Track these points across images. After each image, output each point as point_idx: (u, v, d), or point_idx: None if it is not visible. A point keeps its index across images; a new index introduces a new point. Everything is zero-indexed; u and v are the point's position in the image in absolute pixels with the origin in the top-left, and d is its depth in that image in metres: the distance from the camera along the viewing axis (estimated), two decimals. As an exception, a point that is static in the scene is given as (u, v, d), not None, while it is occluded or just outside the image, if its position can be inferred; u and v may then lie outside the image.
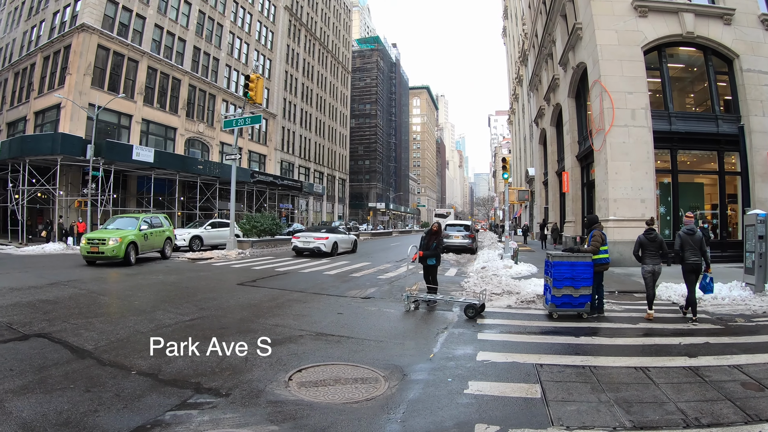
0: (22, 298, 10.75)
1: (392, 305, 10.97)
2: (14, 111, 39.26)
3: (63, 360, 6.33)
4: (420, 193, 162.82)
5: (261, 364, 6.25)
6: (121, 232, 19.20)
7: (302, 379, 5.70)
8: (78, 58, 33.90)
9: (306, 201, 67.47)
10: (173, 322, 8.74)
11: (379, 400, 5.15)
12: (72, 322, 8.49)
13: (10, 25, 43.91)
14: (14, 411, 4.66)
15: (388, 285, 14.30)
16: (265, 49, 57.28)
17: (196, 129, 44.61)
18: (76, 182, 33.20)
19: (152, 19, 40.09)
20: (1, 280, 13.91)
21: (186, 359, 6.39)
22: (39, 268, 17.37)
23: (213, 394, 5.24)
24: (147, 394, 5.19)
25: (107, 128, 35.39)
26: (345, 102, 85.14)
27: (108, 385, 5.44)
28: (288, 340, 7.60)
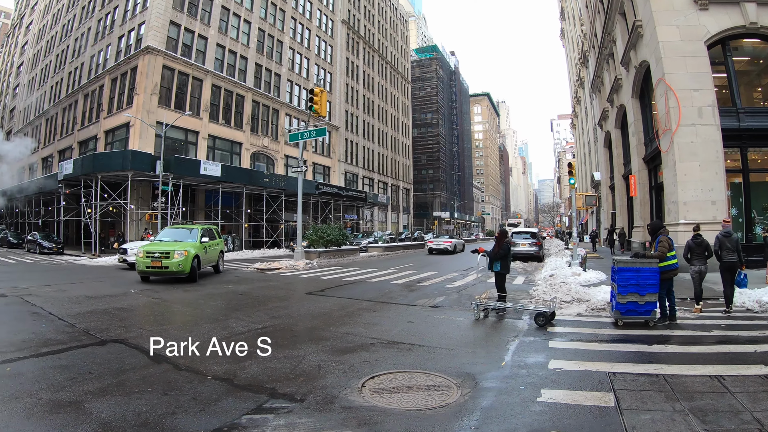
0: (98, 306, 11.34)
1: (461, 314, 10.84)
2: (85, 130, 41.20)
3: (140, 364, 6.62)
4: (484, 201, 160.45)
5: (334, 370, 6.34)
6: (184, 244, 17.24)
7: (375, 386, 5.73)
8: (144, 79, 35.12)
9: (371, 211, 67.38)
10: (245, 329, 8.96)
11: (453, 407, 5.13)
12: (147, 328, 8.99)
13: (78, 50, 46.38)
14: (94, 412, 4.86)
15: (457, 294, 14.20)
16: (325, 63, 57.79)
17: (261, 143, 45.29)
18: (146, 196, 34.43)
19: (214, 39, 41.15)
20: (77, 288, 14.71)
21: (260, 365, 6.57)
22: (112, 278, 18.24)
23: (288, 399, 5.32)
24: (223, 398, 5.33)
25: (175, 144, 36.32)
26: (406, 112, 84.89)
27: (185, 388, 5.62)
28: (360, 347, 7.65)
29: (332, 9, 60.64)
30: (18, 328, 9.10)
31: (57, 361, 6.81)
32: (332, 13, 60.41)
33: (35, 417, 4.78)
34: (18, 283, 16.18)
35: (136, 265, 16.90)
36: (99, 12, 44.25)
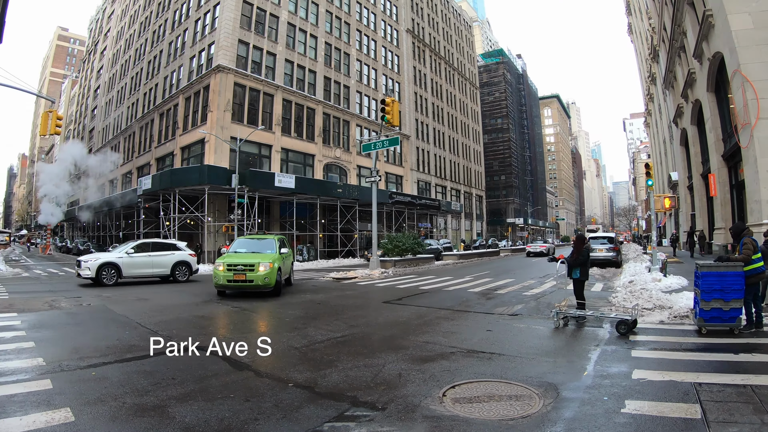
0: (180, 314, 11.89)
1: (541, 322, 10.64)
2: (162, 147, 42.79)
3: (222, 371, 6.75)
4: (558, 206, 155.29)
5: (414, 379, 6.28)
6: (266, 256, 15.81)
7: (456, 395, 5.65)
8: (217, 97, 35.97)
9: (444, 219, 66.28)
10: (325, 338, 9.05)
11: (535, 417, 5.01)
12: (228, 336, 9.13)
13: (152, 72, 48.62)
14: (177, 416, 4.99)
15: (535, 301, 13.99)
16: (393, 73, 57.59)
17: (333, 154, 45.46)
18: (222, 209, 35.22)
19: (282, 55, 41.82)
20: (159, 298, 15.47)
21: (341, 374, 6.59)
22: (193, 288, 18.76)
23: (369, 407, 5.30)
24: (305, 405, 5.36)
25: (249, 158, 36.86)
26: (476, 118, 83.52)
27: (266, 395, 5.70)
28: (439, 356, 7.57)
29: (396, 19, 60.48)
30: (103, 334, 9.45)
31: (141, 366, 7.05)
32: (396, 23, 60.26)
33: (120, 420, 4.93)
34: (101, 292, 16.83)
35: (214, 278, 15.21)
36: (170, 35, 46.24)
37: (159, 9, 51.20)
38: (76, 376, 6.58)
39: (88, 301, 14.50)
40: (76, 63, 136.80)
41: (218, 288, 15.46)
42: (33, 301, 14.45)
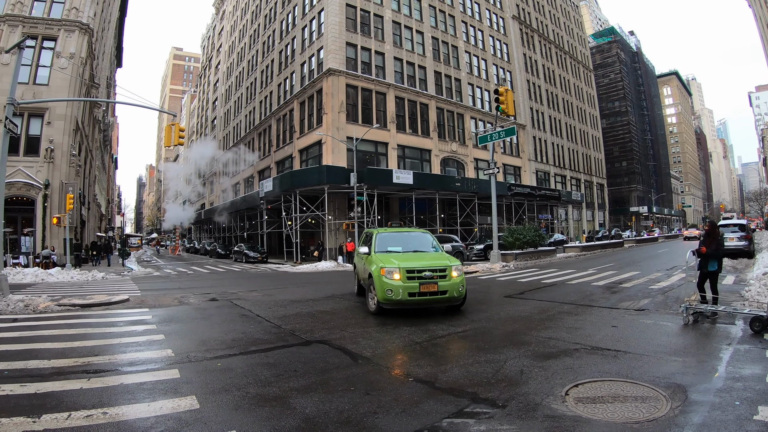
0: (302, 309, 12.16)
1: (668, 318, 9.94)
2: (281, 151, 44.49)
3: (343, 364, 6.85)
4: (683, 192, 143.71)
5: (536, 377, 6.10)
6: (439, 256, 11.72)
7: (579, 395, 5.44)
8: (330, 99, 36.48)
9: (564, 210, 63.20)
10: (446, 333, 8.95)
11: (662, 421, 4.69)
12: (350, 330, 9.26)
13: (265, 81, 50.99)
14: (298, 407, 5.15)
15: (662, 295, 13.17)
16: (503, 62, 55.69)
17: (449, 148, 44.64)
18: (342, 207, 35.74)
19: (390, 54, 41.69)
20: (282, 293, 15.97)
21: (461, 369, 6.52)
22: (315, 284, 19.36)
23: (489, 404, 5.19)
24: (424, 400, 5.32)
25: (366, 157, 37.01)
26: (592, 102, 78.95)
27: (386, 389, 5.73)
28: (562, 353, 7.29)
29: (500, 6, 58.35)
30: (228, 328, 9.92)
31: (264, 358, 7.32)
32: (501, 11, 58.16)
33: (243, 409, 5.16)
34: (227, 288, 18.03)
35: (381, 292, 10.49)
36: (279, 44, 47.97)
37: (266, 21, 53.38)
38: (203, 366, 6.99)
39: (213, 296, 15.46)
40: (193, 79, 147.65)
41: (388, 305, 10.58)
42: (163, 298, 15.44)
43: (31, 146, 30.06)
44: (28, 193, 29.43)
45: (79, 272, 25.71)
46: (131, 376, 6.57)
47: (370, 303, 11.31)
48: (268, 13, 53.25)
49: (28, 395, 5.79)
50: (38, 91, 29.38)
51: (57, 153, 30.18)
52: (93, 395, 5.74)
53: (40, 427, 4.80)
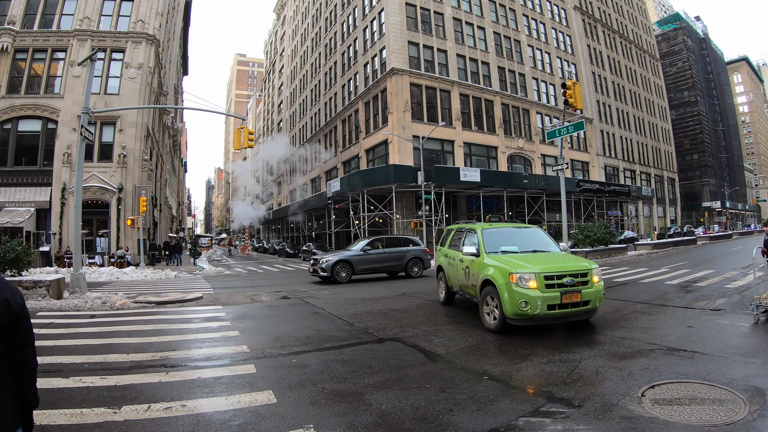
0: (373, 307, 12.18)
1: (745, 319, 9.53)
2: (347, 151, 44.90)
3: (417, 362, 6.87)
4: (758, 186, 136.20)
5: (612, 377, 5.97)
6: (566, 258, 9.56)
7: (655, 396, 5.28)
8: (395, 98, 36.51)
9: (634, 206, 60.91)
10: (518, 331, 8.66)
11: (740, 425, 4.46)
12: (422, 328, 9.25)
13: (329, 83, 51.70)
14: (374, 403, 5.19)
15: (738, 295, 12.67)
16: (567, 54, 54.20)
17: (516, 145, 43.88)
18: (410, 206, 35.85)
19: (453, 51, 41.39)
20: (352, 291, 16.04)
21: (536, 368, 6.46)
22: (383, 282, 19.35)
23: (565, 404, 5.11)
24: (499, 398, 5.29)
25: (432, 155, 36.87)
26: (660, 93, 75.67)
27: (461, 387, 5.69)
28: (638, 353, 7.08)
29: (561, -3, 57.03)
30: (302, 325, 10.04)
31: (338, 355, 7.40)
32: (562, 2, 56.42)
33: (319, 404, 5.23)
34: (297, 287, 18.33)
35: (520, 305, 8.11)
36: (341, 47, 48.47)
37: (327, 24, 54.03)
38: (278, 362, 7.10)
39: (285, 294, 15.77)
40: (257, 83, 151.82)
41: (520, 321, 8.33)
42: (236, 295, 15.77)
43: (104, 152, 31.57)
44: (102, 196, 30.86)
45: (153, 271, 26.70)
46: (208, 370, 6.76)
47: (486, 318, 9.04)
48: (329, 16, 53.87)
49: (108, 387, 6.02)
50: (109, 100, 30.65)
51: (129, 158, 31.49)
52: (171, 388, 5.97)
53: (120, 418, 4.97)
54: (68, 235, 28.75)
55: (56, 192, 30.43)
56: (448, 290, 12.03)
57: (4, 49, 31.61)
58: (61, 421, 4.85)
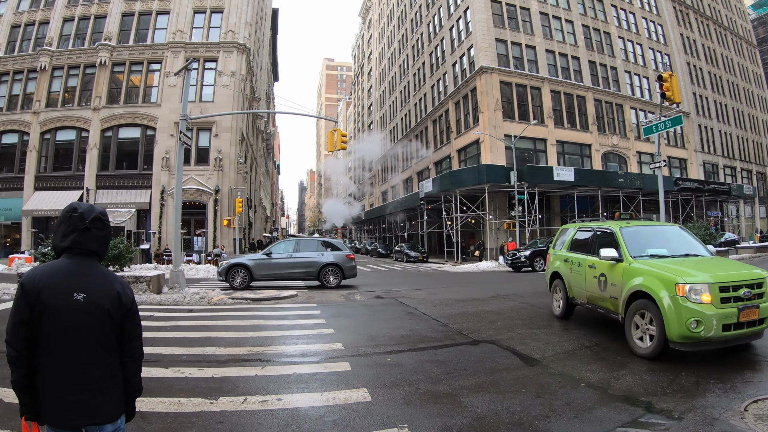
0: (467, 309, 12.08)
1: None
2: (438, 152, 44.93)
3: (512, 365, 6.75)
4: None
5: (713, 389, 5.64)
6: (733, 263, 8.22)
7: (758, 411, 4.92)
8: (485, 97, 36.13)
9: (735, 206, 57.05)
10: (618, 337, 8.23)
11: None
12: (517, 331, 9.01)
13: (418, 84, 51.92)
14: (469, 405, 5.16)
15: None
16: (659, 45, 51.48)
17: (610, 142, 42.24)
18: (503, 206, 35.52)
19: (541, 46, 40.47)
20: (446, 292, 16.10)
21: (634, 376, 6.15)
22: (477, 283, 19.40)
23: (665, 415, 4.87)
24: (597, 406, 5.12)
25: (524, 154, 36.25)
26: (759, 82, 70.10)
27: (558, 393, 5.52)
28: (741, 365, 6.63)
29: (650, -16, 54.19)
30: (396, 325, 10.09)
31: (433, 356, 7.39)
32: (652, -11, 53.92)
33: (414, 404, 5.23)
34: (391, 287, 18.51)
35: (690, 324, 6.43)
36: (428, 47, 48.47)
37: (412, 25, 54.28)
38: (372, 360, 7.16)
39: (379, 294, 15.92)
40: (347, 86, 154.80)
41: (688, 345, 6.67)
42: (329, 294, 16.04)
43: (201, 157, 33.25)
44: (199, 198, 32.48)
45: None
46: (304, 366, 6.96)
47: (635, 342, 7.31)
48: (414, 17, 54.10)
49: (205, 378, 6.27)
50: (204, 107, 32.12)
51: (225, 161, 32.89)
52: (267, 382, 6.17)
53: (217, 409, 5.17)
54: (167, 234, 30.50)
55: (156, 194, 32.57)
56: (568, 302, 10.06)
57: (103, 63, 34.07)
58: (159, 409, 5.10)
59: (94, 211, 2.62)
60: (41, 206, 32.67)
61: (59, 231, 2.60)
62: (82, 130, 34.41)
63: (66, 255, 2.57)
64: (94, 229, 2.59)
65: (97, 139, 33.76)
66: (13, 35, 37.55)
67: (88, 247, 2.58)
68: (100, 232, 2.62)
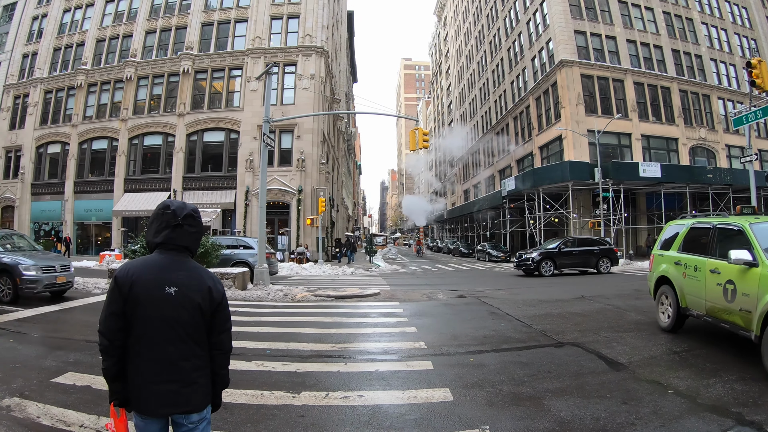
0: (551, 310, 11.81)
1: None
2: (520, 149, 44.17)
3: (598, 370, 6.52)
4: None
5: None
6: None
7: None
8: (566, 92, 35.45)
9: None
10: (707, 343, 7.99)
11: None
12: (602, 334, 8.68)
13: (497, 80, 51.47)
14: (552, 409, 4.98)
15: None
16: (745, 29, 48.63)
17: (697, 135, 40.41)
18: (587, 204, 34.78)
19: (622, 36, 39.17)
20: (528, 292, 15.93)
21: (725, 385, 5.78)
22: (560, 284, 18.92)
23: (756, 428, 4.53)
24: (684, 416, 4.88)
25: (608, 150, 35.40)
26: None
27: (644, 400, 5.34)
28: None
29: (732, -36, 51.30)
30: (479, 325, 9.98)
31: (516, 357, 7.26)
32: (735, -30, 51.06)
33: (496, 405, 5.15)
34: (473, 286, 18.38)
35: None
36: (506, 42, 47.91)
37: (489, 21, 53.82)
38: (455, 360, 7.13)
39: (461, 293, 15.69)
40: (425, 85, 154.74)
41: None
42: (412, 293, 16.15)
43: (284, 158, 34.42)
44: (283, 198, 33.68)
45: (330, 267, 28.74)
46: (385, 364, 6.98)
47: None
48: (489, 12, 53.53)
49: (288, 373, 6.41)
50: (286, 110, 33.00)
51: (308, 162, 33.83)
52: (349, 378, 6.23)
53: (299, 403, 5.27)
54: (251, 233, 31.63)
55: (240, 194, 34.05)
56: (679, 312, 8.42)
57: (186, 71, 35.63)
58: (242, 401, 5.24)
59: (186, 208, 2.70)
60: (130, 207, 34.75)
61: (152, 227, 2.68)
62: (168, 135, 36.28)
63: (159, 250, 2.66)
64: (187, 226, 2.66)
65: (183, 143, 35.45)
66: (98, 49, 40.41)
67: (180, 243, 2.66)
68: (192, 228, 2.70)
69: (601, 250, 24.40)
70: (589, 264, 23.97)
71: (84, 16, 41.73)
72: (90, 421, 4.69)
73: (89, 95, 39.60)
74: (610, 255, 24.43)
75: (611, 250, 24.98)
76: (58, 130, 40.02)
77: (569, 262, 24.01)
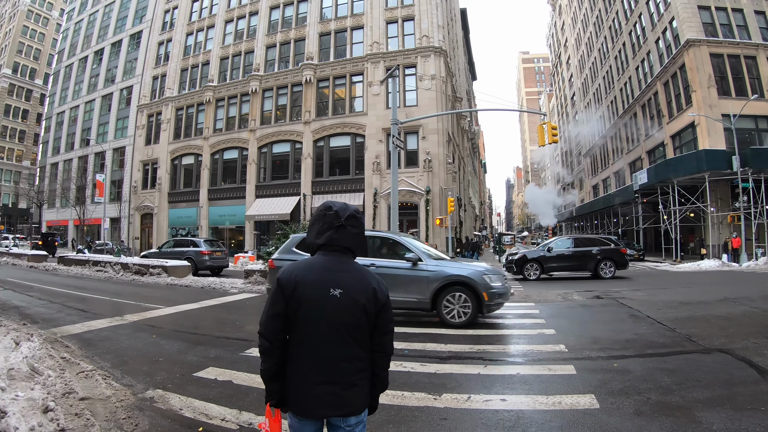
0: (694, 312, 11.21)
1: None
2: (650, 139, 42.58)
3: (749, 379, 6.12)
4: None
5: None
6: None
7: None
8: (695, 74, 33.72)
9: None
10: None
11: None
12: (752, 340, 8.10)
13: (620, 66, 49.71)
14: (704, 421, 4.72)
15: None
16: None
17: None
18: (725, 196, 32.40)
19: (749, 8, 36.11)
20: (667, 294, 15.23)
21: None
22: (701, 284, 18.23)
23: None
24: None
25: (745, 136, 32.91)
26: None
27: None
28: None
29: None
30: (619, 327, 9.65)
31: (662, 363, 6.88)
32: None
33: (645, 415, 4.92)
34: (608, 287, 17.64)
35: None
36: (626, 26, 46.30)
37: (606, 5, 52.15)
38: (598, 365, 6.89)
39: (597, 294, 15.38)
40: (546, 78, 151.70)
41: None
42: (546, 293, 15.97)
43: (410, 159, 35.35)
44: (411, 198, 34.65)
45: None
46: (526, 367, 6.89)
47: None
48: (606, -4, 51.81)
49: (427, 374, 6.44)
50: (409, 111, 33.86)
51: (434, 162, 34.63)
52: (490, 381, 6.20)
53: (441, 405, 5.27)
54: None
55: (368, 197, 35.57)
56: None
57: (308, 80, 37.63)
58: (382, 401, 5.33)
59: (348, 209, 2.68)
60: (261, 211, 37.38)
61: (314, 228, 2.70)
62: (296, 142, 38.52)
63: (321, 252, 2.66)
64: (349, 227, 2.65)
65: (311, 149, 37.48)
66: (222, 66, 44.05)
67: (343, 244, 2.65)
68: (354, 229, 2.67)
69: (602, 251, 21.98)
70: (586, 268, 21.80)
71: (206, 38, 45.62)
72: (231, 416, 4.96)
73: (218, 109, 43.12)
74: (614, 257, 21.75)
75: (617, 251, 22.34)
76: (190, 143, 44.17)
77: (566, 265, 22.25)
